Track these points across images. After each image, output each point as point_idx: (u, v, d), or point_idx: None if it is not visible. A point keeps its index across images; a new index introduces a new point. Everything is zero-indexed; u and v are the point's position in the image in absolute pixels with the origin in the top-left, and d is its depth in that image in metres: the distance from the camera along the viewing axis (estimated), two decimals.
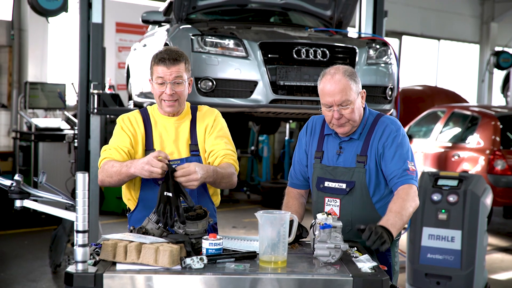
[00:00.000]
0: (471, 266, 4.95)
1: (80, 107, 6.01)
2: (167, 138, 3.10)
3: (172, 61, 3.01)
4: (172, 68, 3.01)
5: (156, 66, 3.05)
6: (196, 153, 3.09)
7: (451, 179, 5.20)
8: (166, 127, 3.11)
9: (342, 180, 2.99)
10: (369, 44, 5.57)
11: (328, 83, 2.90)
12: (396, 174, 2.89)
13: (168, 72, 3.01)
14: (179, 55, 3.04)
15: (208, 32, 5.23)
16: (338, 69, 2.93)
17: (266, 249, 2.47)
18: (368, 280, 2.34)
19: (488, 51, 18.51)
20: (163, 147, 3.08)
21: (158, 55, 3.05)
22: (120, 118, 3.15)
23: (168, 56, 3.01)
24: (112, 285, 2.31)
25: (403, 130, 3.01)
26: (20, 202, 2.50)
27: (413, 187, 2.87)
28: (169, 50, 3.06)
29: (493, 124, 8.50)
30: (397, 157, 2.91)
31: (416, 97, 12.52)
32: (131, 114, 3.16)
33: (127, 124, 3.10)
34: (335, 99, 2.88)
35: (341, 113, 2.90)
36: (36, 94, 8.94)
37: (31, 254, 6.82)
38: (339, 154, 3.02)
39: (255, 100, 5.15)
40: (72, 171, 7.38)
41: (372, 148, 2.96)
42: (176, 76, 3.02)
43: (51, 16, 7.59)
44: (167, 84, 3.02)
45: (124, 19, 11.86)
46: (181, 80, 3.03)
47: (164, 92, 3.03)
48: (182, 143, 3.09)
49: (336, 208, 3.01)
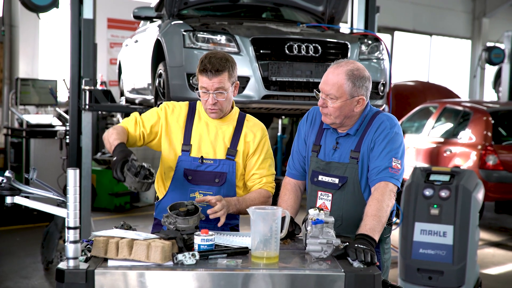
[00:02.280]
0: (463, 261, 4.96)
1: (72, 104, 5.98)
2: (206, 137, 3.14)
3: (214, 72, 3.00)
4: (214, 79, 3.01)
5: (200, 75, 3.05)
6: (232, 157, 3.13)
7: (443, 174, 5.21)
8: (209, 126, 3.15)
9: (335, 175, 2.98)
10: (361, 40, 5.57)
11: (329, 72, 2.91)
12: (377, 170, 2.86)
13: (210, 83, 3.02)
14: (222, 64, 3.02)
15: (200, 27, 5.22)
16: (347, 64, 2.90)
17: (258, 244, 2.47)
18: (360, 275, 2.35)
19: (480, 46, 18.56)
20: (200, 144, 3.12)
21: (203, 63, 3.04)
22: (165, 104, 3.21)
23: (211, 66, 3.00)
24: (104, 282, 2.30)
25: (398, 128, 2.97)
26: (11, 199, 2.50)
27: (389, 185, 2.82)
28: (214, 59, 3.03)
29: (485, 120, 8.53)
30: (384, 154, 2.88)
31: (408, 93, 12.54)
32: (179, 104, 3.22)
33: (167, 109, 3.17)
34: (325, 88, 2.90)
35: (326, 104, 2.91)
36: (28, 91, 8.90)
37: (23, 250, 6.80)
38: (335, 149, 3.01)
39: (247, 96, 5.14)
40: (63, 167, 7.35)
41: (365, 143, 2.95)
42: (218, 87, 3.03)
43: (42, 12, 7.56)
44: (209, 94, 3.04)
45: (115, 15, 11.82)
46: (223, 90, 3.04)
47: (207, 101, 3.06)
48: (220, 145, 3.13)
49: (328, 202, 3.01)
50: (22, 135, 8.45)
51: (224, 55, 3.08)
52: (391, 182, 2.84)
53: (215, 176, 3.11)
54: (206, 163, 3.11)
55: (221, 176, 3.11)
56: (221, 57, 3.05)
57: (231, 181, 3.13)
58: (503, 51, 13.82)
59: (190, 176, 3.11)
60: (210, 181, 3.11)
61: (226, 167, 3.12)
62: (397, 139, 2.93)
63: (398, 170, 2.87)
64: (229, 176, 3.12)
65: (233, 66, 3.08)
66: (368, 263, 2.43)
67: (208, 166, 3.11)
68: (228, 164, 3.12)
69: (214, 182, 3.11)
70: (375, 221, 2.69)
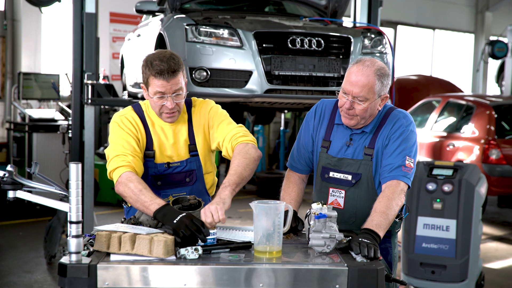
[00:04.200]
0: (466, 255, 4.96)
1: (74, 98, 5.97)
2: (166, 141, 3.01)
3: (171, 73, 2.83)
4: (172, 80, 2.84)
5: (154, 79, 2.85)
6: (195, 153, 3.04)
7: (446, 168, 5.20)
8: (164, 130, 3.01)
9: (348, 172, 2.95)
10: (364, 34, 5.55)
11: (355, 73, 2.82)
12: (390, 168, 2.84)
13: (168, 86, 2.84)
14: (176, 63, 2.85)
15: (203, 21, 5.20)
16: (373, 63, 2.83)
17: (261, 239, 2.46)
18: (363, 269, 2.34)
19: (483, 40, 18.50)
20: (162, 150, 3.00)
21: (155, 66, 2.83)
22: (118, 119, 2.96)
23: (168, 68, 2.81)
24: (106, 276, 2.30)
25: (414, 126, 2.95)
26: (13, 193, 2.50)
27: (400, 184, 2.81)
28: (165, 58, 2.84)
29: (488, 114, 8.51)
30: (398, 151, 2.85)
31: (411, 87, 12.52)
32: (128, 114, 2.99)
33: (128, 126, 2.94)
34: (353, 90, 2.81)
35: (353, 106, 2.84)
36: (30, 85, 8.88)
37: (26, 245, 6.81)
38: (348, 146, 2.96)
39: (250, 90, 5.12)
40: (66, 162, 7.36)
41: (379, 140, 2.91)
42: (177, 88, 2.86)
43: (44, 6, 7.56)
44: (167, 97, 2.87)
45: (118, 9, 11.80)
46: (181, 91, 2.89)
47: (165, 105, 2.89)
48: (181, 145, 3.02)
49: (340, 199, 2.98)
50: (25, 129, 8.45)
51: (171, 54, 2.89)
52: (403, 181, 2.82)
53: (185, 176, 3.04)
54: (173, 166, 3.01)
55: (191, 175, 3.04)
56: (170, 56, 2.86)
57: (201, 176, 3.07)
58: (506, 45, 13.76)
59: (159, 181, 3.00)
60: (180, 182, 3.04)
61: (193, 164, 3.04)
62: (412, 137, 2.91)
63: (411, 169, 2.86)
64: (198, 172, 3.06)
65: (183, 64, 2.91)
66: (371, 258, 2.42)
67: (175, 168, 3.02)
68: (194, 161, 3.04)
69: (185, 182, 3.05)
70: (382, 218, 2.67)
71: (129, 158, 2.83)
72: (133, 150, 2.88)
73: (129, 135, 2.91)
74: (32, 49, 10.79)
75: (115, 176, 2.79)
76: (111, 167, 2.82)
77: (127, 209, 3.12)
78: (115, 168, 2.80)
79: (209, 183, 3.14)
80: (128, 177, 2.75)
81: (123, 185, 2.74)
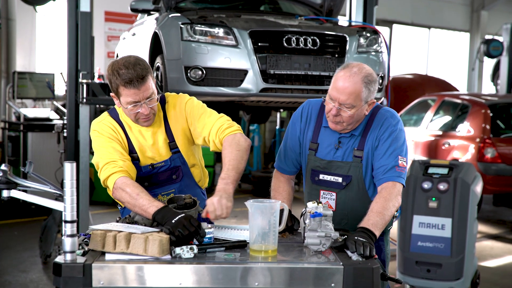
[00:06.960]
0: (461, 254, 4.96)
1: (69, 97, 5.96)
2: (146, 143, 2.99)
3: (140, 80, 2.76)
4: (142, 87, 2.78)
5: (124, 89, 2.78)
6: (176, 150, 3.02)
7: (441, 167, 5.20)
8: (142, 133, 2.99)
9: (338, 174, 2.95)
10: (359, 33, 5.55)
11: (342, 79, 2.78)
12: (384, 169, 2.83)
13: (140, 94, 2.78)
14: (143, 68, 2.78)
15: (198, 20, 5.19)
16: (360, 70, 2.79)
17: (257, 238, 2.46)
18: (358, 268, 2.34)
19: (478, 39, 18.55)
20: (143, 152, 2.99)
21: (123, 75, 2.75)
22: (98, 127, 2.93)
23: (136, 75, 2.74)
24: (101, 275, 2.29)
25: (401, 124, 2.95)
26: (7, 192, 2.48)
27: (397, 185, 2.81)
28: (131, 65, 2.76)
29: (483, 112, 8.52)
30: (389, 152, 2.85)
31: (406, 86, 12.52)
32: (106, 120, 2.97)
33: (109, 132, 2.92)
34: (340, 97, 2.79)
35: (339, 112, 2.82)
36: (25, 84, 8.86)
37: (21, 244, 6.79)
38: (337, 149, 2.95)
39: (245, 89, 5.12)
40: (61, 161, 7.33)
41: (368, 141, 2.91)
42: (149, 94, 2.81)
43: (39, 5, 7.54)
44: (141, 105, 2.82)
45: (113, 8, 11.79)
46: (153, 95, 2.83)
47: (140, 112, 2.85)
48: (161, 145, 3.00)
49: (332, 201, 2.98)
50: (20, 128, 8.42)
51: (136, 58, 2.81)
52: (398, 182, 2.82)
53: (171, 173, 3.03)
54: (157, 166, 3.00)
55: (177, 171, 3.04)
56: (135, 61, 2.78)
57: (187, 171, 3.06)
58: (501, 44, 13.79)
59: (146, 182, 2.99)
60: (168, 180, 3.04)
61: (177, 160, 3.03)
62: (401, 136, 2.91)
63: (404, 168, 2.86)
64: (183, 168, 3.05)
65: (150, 67, 2.85)
66: (366, 257, 2.42)
67: (160, 167, 3.01)
68: (177, 158, 3.02)
69: (172, 179, 3.04)
70: (379, 218, 2.67)
71: (119, 163, 2.82)
72: (121, 155, 2.86)
73: (112, 140, 2.90)
74: (27, 48, 10.77)
75: (110, 183, 2.79)
76: (104, 176, 2.81)
77: (122, 210, 3.12)
78: (108, 175, 2.79)
79: (197, 176, 3.13)
80: (123, 183, 2.75)
81: (120, 191, 2.74)
